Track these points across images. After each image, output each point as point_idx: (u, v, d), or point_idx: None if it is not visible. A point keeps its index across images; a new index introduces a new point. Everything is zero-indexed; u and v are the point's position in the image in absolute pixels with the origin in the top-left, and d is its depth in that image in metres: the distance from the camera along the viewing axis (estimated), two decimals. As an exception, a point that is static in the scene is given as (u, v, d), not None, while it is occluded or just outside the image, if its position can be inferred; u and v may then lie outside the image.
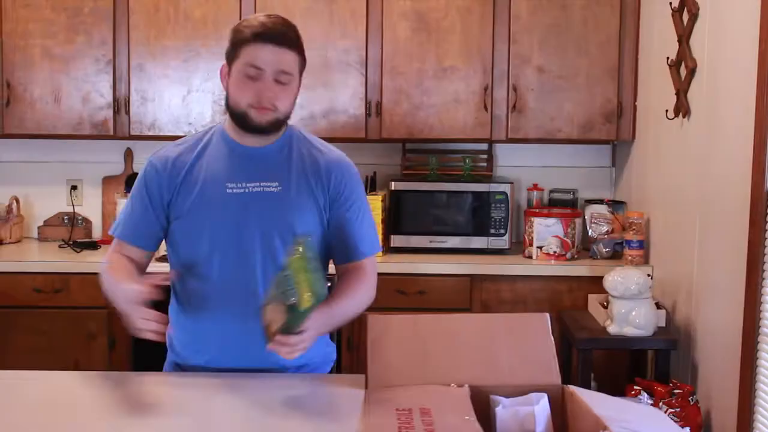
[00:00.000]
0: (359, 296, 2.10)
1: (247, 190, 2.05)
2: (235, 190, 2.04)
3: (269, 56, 1.97)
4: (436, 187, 3.89)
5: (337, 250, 2.14)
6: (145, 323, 1.79)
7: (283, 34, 1.98)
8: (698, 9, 3.19)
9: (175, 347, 2.15)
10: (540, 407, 1.64)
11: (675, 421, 2.91)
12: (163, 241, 2.17)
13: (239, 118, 2.03)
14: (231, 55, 2.02)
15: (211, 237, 2.05)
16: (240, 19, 3.79)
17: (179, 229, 2.09)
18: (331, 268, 2.19)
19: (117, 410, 1.79)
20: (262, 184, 2.05)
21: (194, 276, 2.09)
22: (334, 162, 2.13)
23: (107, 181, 4.26)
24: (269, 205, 2.04)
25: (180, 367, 2.14)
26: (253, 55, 1.97)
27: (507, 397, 1.67)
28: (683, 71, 3.30)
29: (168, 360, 2.19)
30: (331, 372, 2.22)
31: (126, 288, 1.86)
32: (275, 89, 1.99)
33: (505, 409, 1.63)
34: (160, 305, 1.89)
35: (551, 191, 4.18)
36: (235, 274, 2.05)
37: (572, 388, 1.68)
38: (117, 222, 2.17)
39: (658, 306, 3.34)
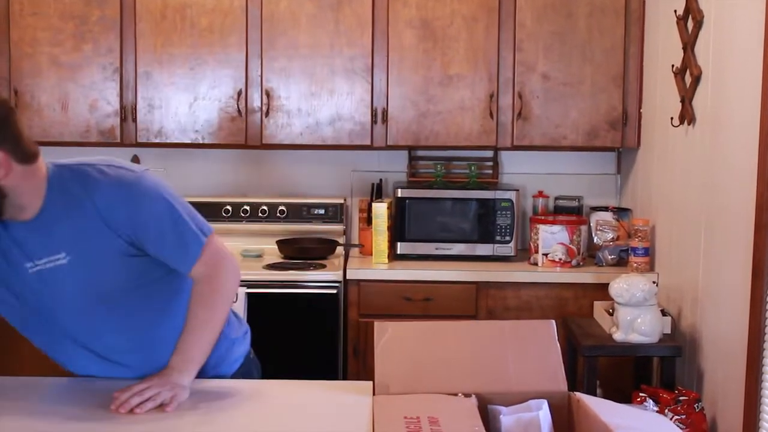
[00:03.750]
0: (199, 323, 1.94)
1: (42, 267, 1.89)
2: (31, 270, 1.89)
3: None
4: (442, 194, 3.89)
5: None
6: None
7: None
8: (703, 16, 3.19)
9: None
10: (543, 413, 1.64)
11: (681, 428, 2.91)
12: None
13: None
14: None
15: (34, 321, 2.02)
16: (246, 26, 3.83)
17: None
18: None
19: (120, 416, 1.80)
20: (50, 259, 1.88)
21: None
22: (100, 195, 1.87)
23: (114, 188, 4.27)
24: (68, 279, 1.89)
25: None
26: None
27: (513, 404, 1.68)
28: (688, 78, 3.30)
29: None
30: (242, 367, 2.15)
31: None
32: None
33: (509, 417, 1.64)
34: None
35: (556, 198, 4.18)
36: (68, 350, 2.02)
37: (579, 395, 1.69)
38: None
39: (664, 313, 3.34)
